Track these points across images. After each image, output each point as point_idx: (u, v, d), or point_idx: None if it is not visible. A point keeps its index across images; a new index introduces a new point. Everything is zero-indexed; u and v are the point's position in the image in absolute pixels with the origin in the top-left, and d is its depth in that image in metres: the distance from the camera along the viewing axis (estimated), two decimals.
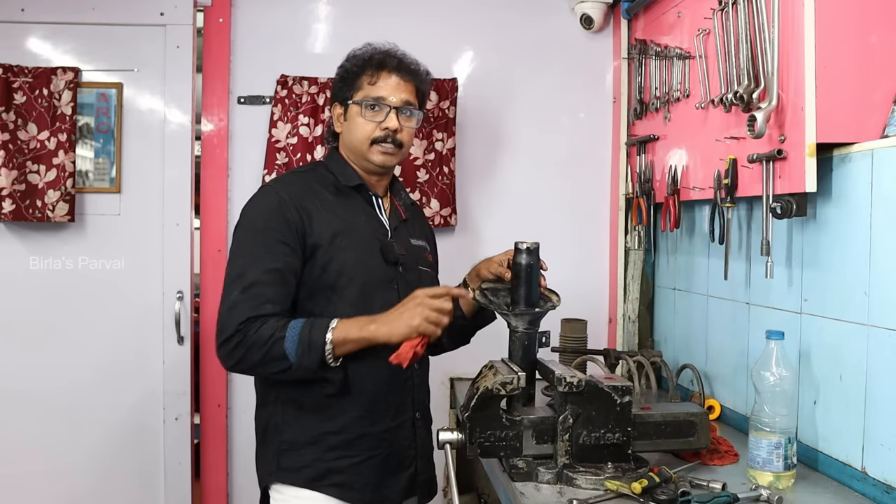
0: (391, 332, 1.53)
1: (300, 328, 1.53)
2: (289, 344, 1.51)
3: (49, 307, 2.57)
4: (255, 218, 1.63)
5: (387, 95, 1.70)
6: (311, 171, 1.78)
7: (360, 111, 1.70)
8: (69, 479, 2.57)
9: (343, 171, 1.74)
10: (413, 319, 1.52)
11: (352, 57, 1.77)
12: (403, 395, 1.71)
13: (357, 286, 1.64)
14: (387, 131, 1.69)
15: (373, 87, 1.70)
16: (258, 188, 1.73)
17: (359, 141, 1.71)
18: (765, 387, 1.55)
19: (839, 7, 1.57)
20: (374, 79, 1.71)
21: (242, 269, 1.58)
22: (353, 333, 1.54)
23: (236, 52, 2.66)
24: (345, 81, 1.75)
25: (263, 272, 1.56)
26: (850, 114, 1.58)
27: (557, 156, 2.76)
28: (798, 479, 1.58)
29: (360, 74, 1.72)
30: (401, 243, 1.75)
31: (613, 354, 2.36)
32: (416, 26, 2.70)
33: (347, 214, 1.69)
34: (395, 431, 1.69)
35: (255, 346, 1.52)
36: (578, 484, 1.50)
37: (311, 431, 1.63)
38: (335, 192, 1.71)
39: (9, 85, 2.46)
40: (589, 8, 2.63)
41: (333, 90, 1.80)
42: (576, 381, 1.52)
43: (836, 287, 1.62)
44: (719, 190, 1.88)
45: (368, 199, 1.76)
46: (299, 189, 1.67)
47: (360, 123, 1.70)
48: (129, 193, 2.60)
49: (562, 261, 2.11)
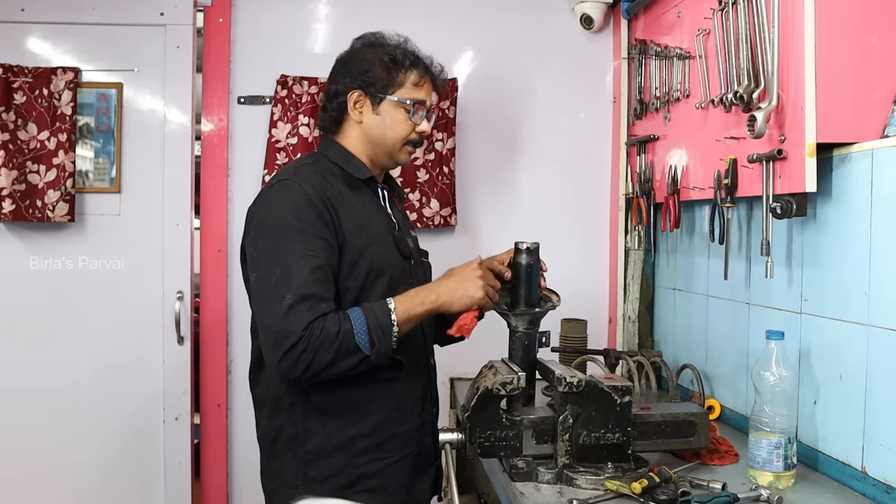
0: (452, 302, 1.52)
1: (364, 317, 1.45)
2: (359, 335, 1.44)
3: (49, 307, 2.57)
4: (286, 215, 1.51)
5: (428, 101, 1.68)
6: (316, 162, 1.66)
7: (403, 111, 1.65)
8: (69, 479, 2.57)
9: (349, 162, 1.66)
10: (476, 291, 1.52)
11: (389, 46, 1.68)
12: (425, 390, 1.67)
13: (385, 282, 1.58)
14: (422, 136, 1.68)
15: (418, 90, 1.66)
16: (273, 184, 1.59)
17: (394, 140, 1.65)
18: (765, 387, 1.55)
19: (839, 7, 1.57)
20: (422, 81, 1.67)
21: (287, 270, 1.46)
22: (415, 309, 1.50)
23: (236, 52, 2.66)
24: (387, 72, 1.64)
25: (311, 270, 1.47)
26: (850, 114, 1.58)
27: (557, 156, 2.76)
28: (798, 479, 1.58)
29: (407, 71, 1.65)
30: (406, 235, 1.72)
31: (613, 354, 2.36)
32: (416, 26, 2.66)
33: (362, 207, 1.62)
34: (421, 429, 1.63)
35: (323, 347, 1.42)
36: (578, 484, 1.50)
37: (337, 437, 1.55)
38: (346, 185, 1.63)
39: (9, 85, 2.46)
40: (589, 8, 2.63)
41: (364, 75, 1.65)
42: (576, 381, 1.52)
43: (836, 287, 1.62)
44: (719, 190, 1.88)
45: (376, 192, 1.71)
46: (319, 181, 1.58)
47: (401, 122, 1.65)
48: (129, 193, 2.60)
49: (562, 261, 2.11)
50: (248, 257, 1.57)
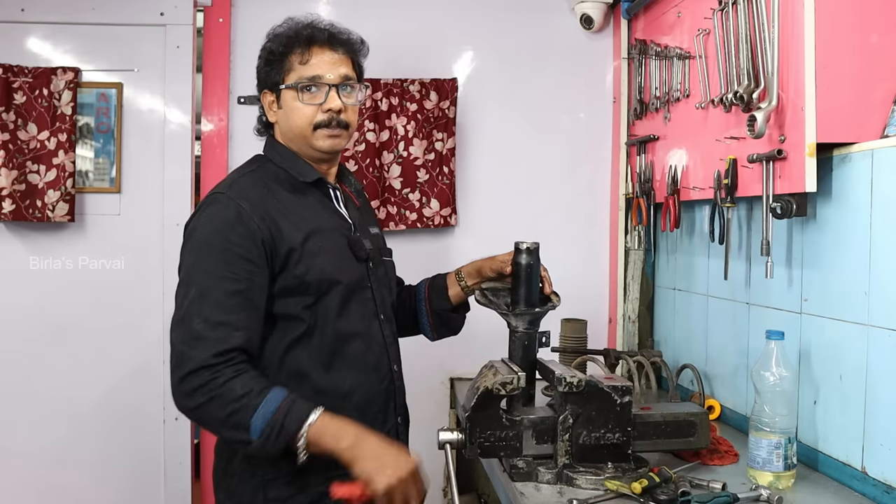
0: (358, 469, 1.35)
1: (277, 406, 1.34)
2: (257, 419, 1.33)
3: (49, 307, 2.56)
4: (211, 234, 1.44)
5: (323, 73, 1.53)
6: (259, 168, 1.58)
7: (297, 95, 1.53)
8: (69, 479, 2.57)
9: (294, 165, 1.57)
10: (381, 482, 1.33)
11: (274, 36, 1.58)
12: (387, 400, 1.61)
13: (339, 292, 1.51)
14: (330, 113, 1.53)
15: (305, 67, 1.53)
16: (207, 197, 1.50)
17: (300, 128, 1.54)
18: (765, 387, 1.55)
19: (839, 7, 1.57)
20: (306, 56, 1.53)
21: (202, 292, 1.40)
22: (327, 440, 1.36)
23: (236, 52, 2.66)
24: (271, 65, 1.57)
25: (227, 295, 1.39)
26: (850, 114, 1.58)
27: (557, 156, 2.76)
28: (798, 479, 1.58)
29: (288, 54, 1.55)
30: (364, 235, 1.64)
31: (613, 354, 2.36)
32: (416, 26, 2.70)
33: (310, 213, 1.54)
34: None
35: (220, 399, 1.34)
36: (578, 484, 1.50)
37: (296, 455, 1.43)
38: (292, 190, 1.55)
39: (9, 85, 2.46)
40: (589, 8, 2.63)
41: (259, 76, 1.61)
42: (576, 381, 1.52)
43: (836, 287, 1.62)
44: (719, 190, 1.88)
45: (326, 193, 1.62)
46: (258, 194, 1.49)
47: (299, 108, 1.53)
48: (129, 193, 2.60)
49: (562, 261, 2.11)
50: (177, 269, 1.51)
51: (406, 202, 2.64)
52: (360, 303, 1.57)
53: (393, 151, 2.63)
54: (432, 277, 1.87)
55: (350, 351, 1.55)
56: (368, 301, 1.60)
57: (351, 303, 1.55)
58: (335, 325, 1.52)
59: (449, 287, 1.82)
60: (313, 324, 1.50)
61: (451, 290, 1.81)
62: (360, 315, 1.57)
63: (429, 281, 1.87)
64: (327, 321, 1.51)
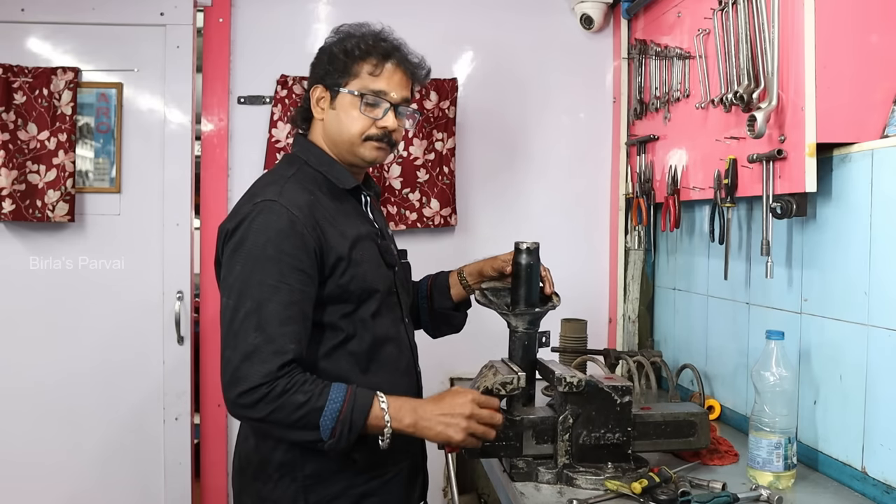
0: (428, 436, 1.42)
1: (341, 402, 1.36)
2: (326, 419, 1.35)
3: (49, 307, 2.57)
4: (266, 243, 1.40)
5: (388, 91, 1.52)
6: (299, 171, 1.55)
7: (357, 104, 1.51)
8: (69, 479, 2.57)
9: (332, 170, 1.56)
10: (457, 433, 1.40)
11: (349, 36, 1.56)
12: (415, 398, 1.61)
13: (376, 299, 1.52)
14: (384, 130, 1.53)
15: (374, 80, 1.52)
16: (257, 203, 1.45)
17: (350, 135, 1.52)
18: (765, 387, 1.55)
19: (839, 7, 1.57)
20: (378, 70, 1.52)
21: (257, 304, 1.37)
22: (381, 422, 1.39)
23: (236, 52, 2.66)
24: (335, 63, 1.54)
25: (283, 307, 1.37)
26: (850, 114, 1.58)
27: (557, 156, 2.76)
28: (798, 479, 1.58)
29: (361, 61, 1.52)
30: (390, 241, 1.65)
31: (613, 354, 2.36)
32: (416, 26, 2.67)
33: (350, 221, 1.53)
34: (412, 441, 1.54)
35: (284, 409, 1.34)
36: (578, 484, 1.50)
37: (337, 458, 1.45)
38: (331, 197, 1.54)
39: (9, 85, 2.46)
40: (589, 8, 2.63)
41: (318, 70, 1.58)
42: (576, 381, 1.52)
43: (836, 287, 1.62)
44: (719, 190, 1.88)
45: (360, 199, 1.61)
46: (306, 201, 1.46)
47: (355, 118, 1.51)
48: (129, 193, 2.60)
49: (562, 261, 2.11)
50: (222, 278, 1.48)
51: (406, 202, 2.64)
52: (390, 308, 1.58)
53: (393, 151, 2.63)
54: (435, 275, 1.87)
55: (385, 354, 1.55)
56: (395, 306, 1.60)
57: (383, 308, 1.55)
58: (372, 332, 1.52)
59: (451, 286, 1.82)
60: (352, 332, 1.50)
61: (453, 289, 1.82)
62: (391, 320, 1.58)
63: (431, 278, 1.87)
64: (365, 328, 1.51)
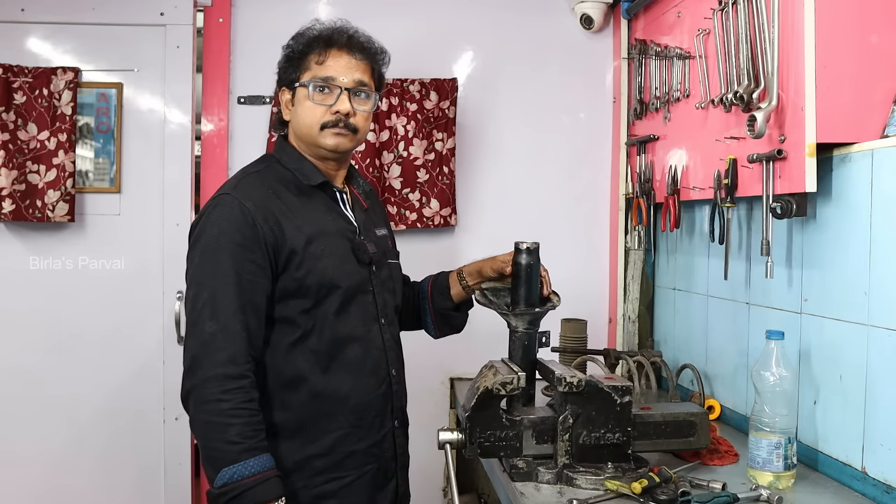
0: None
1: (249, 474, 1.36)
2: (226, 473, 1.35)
3: (49, 307, 2.56)
4: (219, 234, 1.45)
5: (336, 75, 1.55)
6: (266, 168, 1.60)
7: (309, 94, 1.55)
8: (69, 479, 2.57)
9: (301, 167, 1.59)
10: None
11: (297, 35, 1.62)
12: (385, 404, 1.61)
13: (338, 296, 1.52)
14: (338, 115, 1.54)
15: (321, 67, 1.56)
16: (215, 197, 1.52)
17: (308, 126, 1.56)
18: (765, 387, 1.55)
19: (839, 7, 1.57)
20: (323, 58, 1.56)
21: (212, 293, 1.42)
22: None
23: (236, 52, 2.66)
24: (290, 62, 1.60)
25: (236, 297, 1.42)
26: (850, 114, 1.58)
27: (557, 156, 2.76)
28: (798, 479, 1.58)
29: (307, 54, 1.58)
30: (369, 238, 1.65)
31: (613, 354, 2.36)
32: (416, 26, 2.70)
33: (314, 216, 1.55)
34: (381, 444, 1.59)
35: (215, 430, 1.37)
36: (578, 484, 1.50)
37: (293, 457, 1.49)
38: (297, 192, 1.56)
39: (9, 85, 2.46)
40: (589, 8, 2.63)
41: (279, 74, 1.65)
42: (576, 381, 1.52)
43: (836, 287, 1.62)
44: (719, 190, 1.88)
45: (332, 196, 1.63)
46: (262, 194, 1.51)
47: (309, 107, 1.55)
48: (129, 193, 2.59)
49: (562, 261, 2.11)
50: (185, 271, 1.51)
51: (406, 202, 2.64)
52: (361, 306, 1.57)
53: (393, 151, 2.63)
54: (435, 275, 1.87)
55: (348, 354, 1.55)
56: (369, 305, 1.60)
57: (350, 306, 1.55)
58: (333, 329, 1.53)
59: (451, 286, 1.82)
60: (310, 328, 1.51)
61: (453, 289, 1.82)
62: (360, 319, 1.58)
63: (432, 279, 1.87)
64: (325, 325, 1.52)
